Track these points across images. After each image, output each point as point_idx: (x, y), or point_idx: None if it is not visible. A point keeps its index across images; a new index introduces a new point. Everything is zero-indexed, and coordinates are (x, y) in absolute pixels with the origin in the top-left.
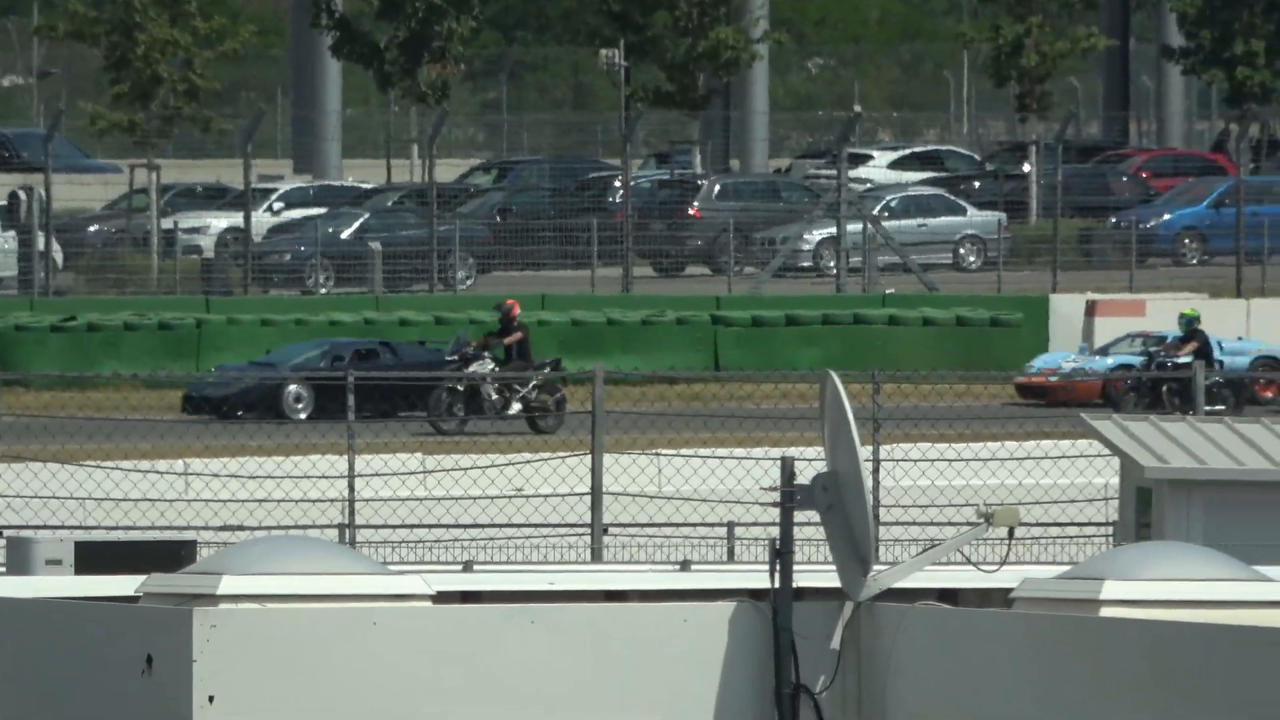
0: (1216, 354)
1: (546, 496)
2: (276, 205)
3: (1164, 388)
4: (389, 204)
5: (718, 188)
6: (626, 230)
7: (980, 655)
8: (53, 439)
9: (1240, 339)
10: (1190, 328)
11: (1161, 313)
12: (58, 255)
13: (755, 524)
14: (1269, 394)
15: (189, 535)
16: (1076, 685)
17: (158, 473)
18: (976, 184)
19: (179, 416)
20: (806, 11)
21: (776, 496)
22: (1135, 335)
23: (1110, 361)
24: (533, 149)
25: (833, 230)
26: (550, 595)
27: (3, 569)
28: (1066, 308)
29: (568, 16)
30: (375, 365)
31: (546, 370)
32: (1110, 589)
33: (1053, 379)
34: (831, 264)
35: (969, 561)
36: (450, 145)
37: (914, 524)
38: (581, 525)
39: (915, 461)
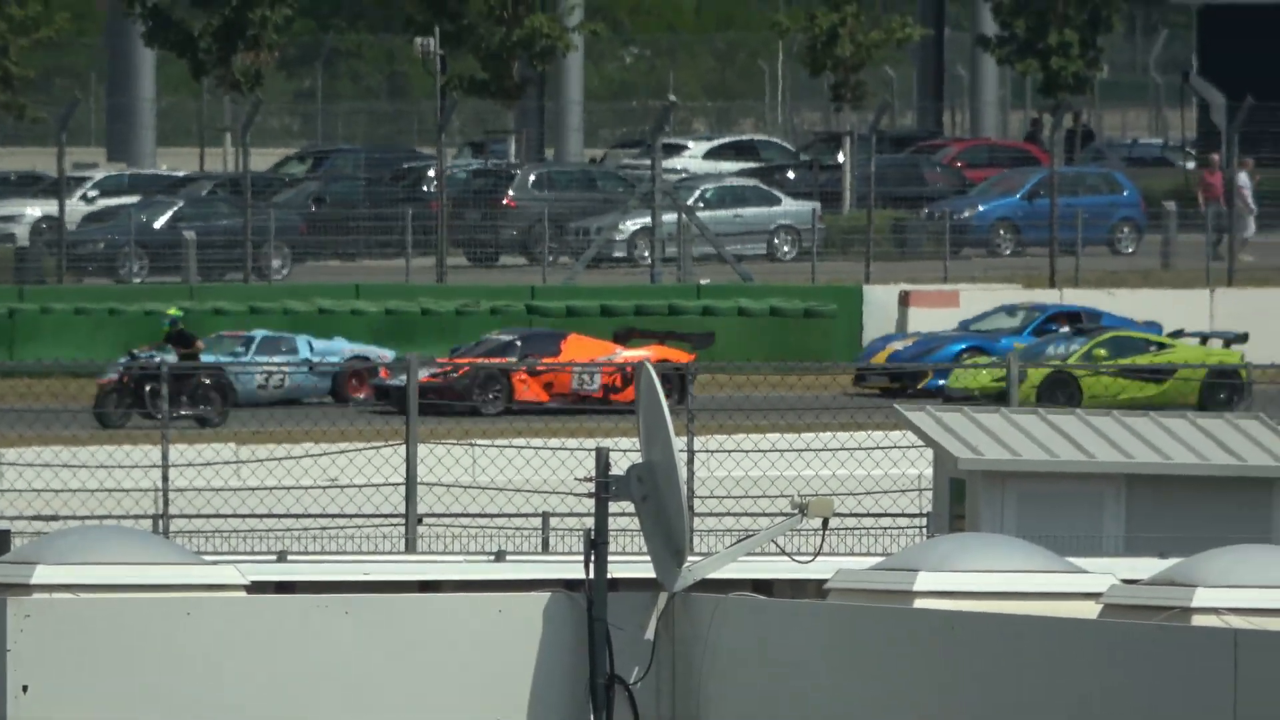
0: None
1: (361, 487)
2: (91, 193)
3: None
4: (203, 193)
5: (533, 177)
6: (441, 219)
7: (794, 645)
8: None
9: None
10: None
11: (975, 303)
12: None
13: (570, 515)
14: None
15: (2, 525)
16: (890, 675)
17: None
18: (791, 174)
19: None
20: (622, 0)
21: (591, 487)
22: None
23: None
24: (347, 138)
25: (648, 220)
26: (365, 586)
27: None
28: (881, 298)
29: (383, 4)
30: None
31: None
32: (923, 580)
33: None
34: (646, 254)
35: (783, 552)
36: (265, 134)
37: (729, 515)
38: (396, 515)
39: (730, 452)
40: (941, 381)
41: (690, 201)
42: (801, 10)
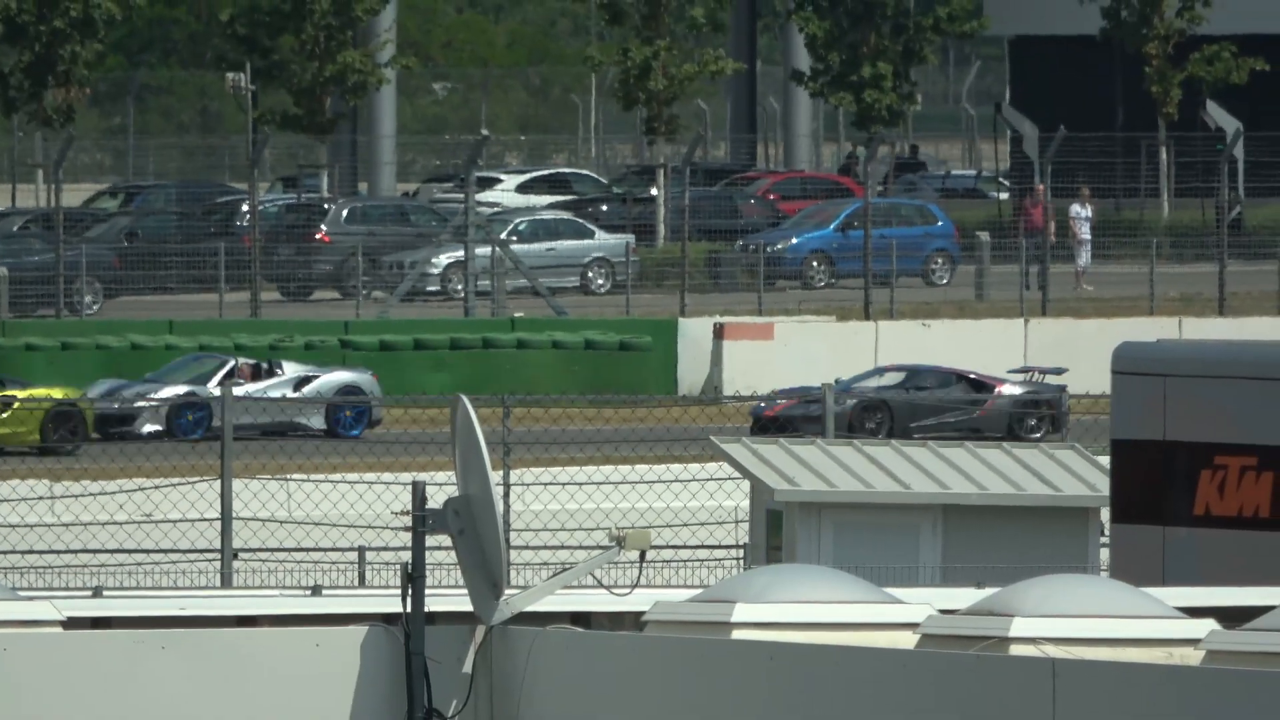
0: None
1: (176, 522)
2: None
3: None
4: (15, 228)
5: (346, 211)
6: (254, 254)
7: (612, 678)
8: None
9: None
10: None
11: (790, 336)
12: None
13: (386, 549)
14: None
15: None
16: (708, 707)
17: None
18: (604, 207)
19: None
20: (434, 34)
21: (408, 521)
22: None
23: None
24: (159, 173)
25: (461, 254)
26: (181, 621)
27: None
28: (695, 331)
29: (194, 40)
30: None
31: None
32: (741, 612)
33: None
34: (460, 288)
35: (601, 585)
36: (77, 170)
37: (546, 548)
38: (212, 550)
39: (546, 485)
40: None
41: (504, 235)
42: (614, 44)
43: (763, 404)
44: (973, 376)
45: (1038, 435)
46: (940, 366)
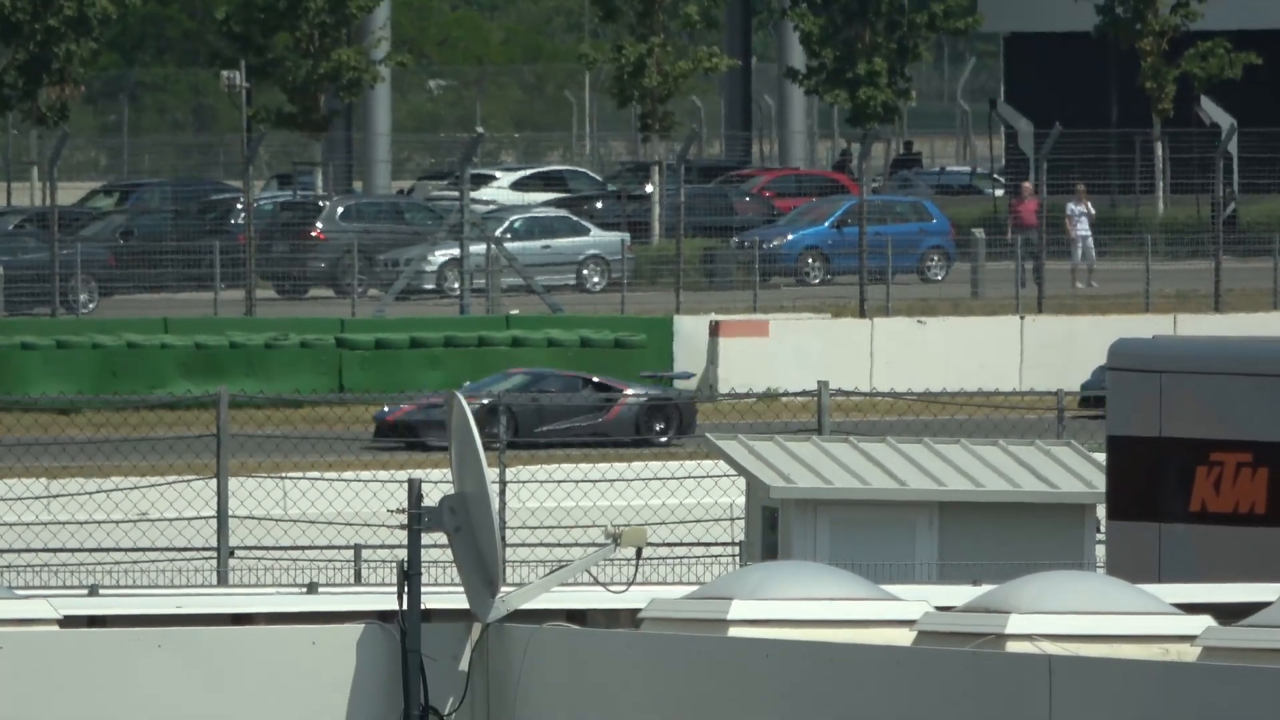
0: None
1: (172, 520)
2: None
3: None
4: (10, 227)
5: (341, 209)
6: (249, 252)
7: (608, 675)
8: None
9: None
10: None
11: (785, 332)
12: None
13: (383, 546)
14: None
15: None
16: (704, 705)
17: None
18: (599, 204)
19: None
20: (429, 32)
21: (404, 519)
22: None
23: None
24: (154, 171)
25: (456, 252)
26: (177, 619)
27: None
28: (690, 328)
29: (188, 38)
30: None
31: None
32: (737, 609)
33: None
34: (455, 285)
35: (597, 582)
36: (71, 168)
37: (541, 545)
38: (208, 549)
39: (542, 483)
40: None
41: (499, 232)
42: (608, 41)
43: (386, 408)
44: (598, 381)
45: (664, 440)
46: (565, 372)
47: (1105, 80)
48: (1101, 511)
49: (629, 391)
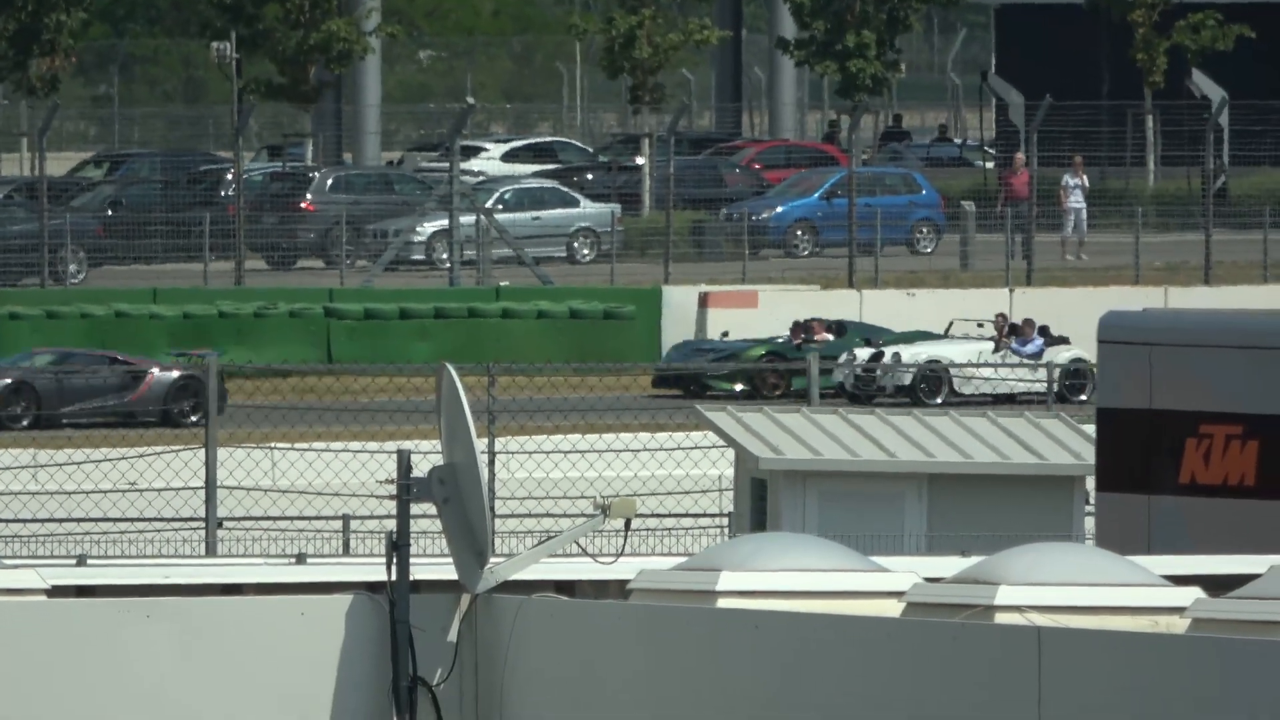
0: None
1: (160, 490)
2: None
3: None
4: None
5: (330, 180)
6: (239, 223)
7: (597, 646)
8: None
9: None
10: None
11: (774, 304)
12: None
13: (371, 517)
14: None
15: None
16: (693, 676)
17: None
18: (590, 176)
19: None
20: (418, 3)
21: (393, 489)
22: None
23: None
24: (144, 142)
25: (445, 223)
26: (166, 589)
27: None
28: (680, 299)
29: (178, 8)
30: None
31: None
32: (726, 580)
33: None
34: (445, 256)
35: (586, 553)
36: (61, 139)
37: (530, 516)
38: (196, 519)
39: (531, 454)
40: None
41: (489, 204)
42: (598, 13)
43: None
44: (122, 359)
45: (194, 419)
46: (93, 350)
47: (1096, 52)
48: (1091, 483)
49: (155, 370)
